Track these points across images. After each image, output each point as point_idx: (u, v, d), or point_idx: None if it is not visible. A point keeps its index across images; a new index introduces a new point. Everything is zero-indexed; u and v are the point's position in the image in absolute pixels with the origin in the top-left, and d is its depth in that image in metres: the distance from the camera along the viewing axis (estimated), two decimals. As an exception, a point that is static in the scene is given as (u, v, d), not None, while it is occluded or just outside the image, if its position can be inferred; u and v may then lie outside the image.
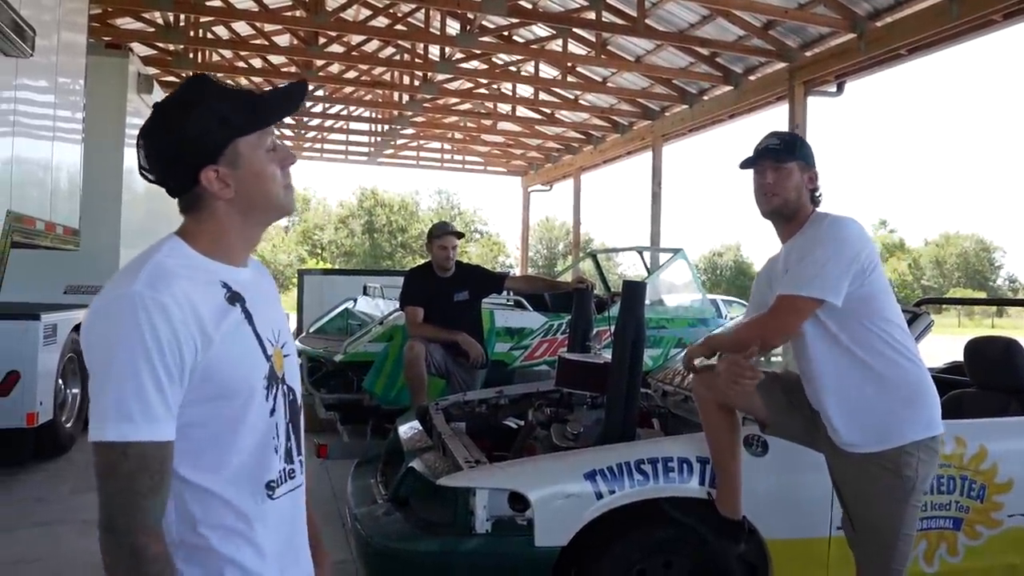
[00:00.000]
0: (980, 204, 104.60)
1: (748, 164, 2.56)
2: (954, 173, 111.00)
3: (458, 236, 5.28)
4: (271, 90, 1.34)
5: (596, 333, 4.40)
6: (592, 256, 9.40)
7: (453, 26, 11.25)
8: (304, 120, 16.27)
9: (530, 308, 6.95)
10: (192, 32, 10.51)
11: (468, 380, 5.12)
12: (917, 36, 7.80)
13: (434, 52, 12.06)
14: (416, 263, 6.76)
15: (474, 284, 5.28)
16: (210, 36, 11.23)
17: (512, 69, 12.99)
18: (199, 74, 1.37)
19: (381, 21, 11.20)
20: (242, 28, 11.84)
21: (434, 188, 62.78)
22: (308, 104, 14.91)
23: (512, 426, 3.93)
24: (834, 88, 9.37)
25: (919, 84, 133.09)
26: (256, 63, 12.85)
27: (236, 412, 1.24)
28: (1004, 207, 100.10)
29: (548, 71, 12.94)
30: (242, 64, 12.65)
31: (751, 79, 10.48)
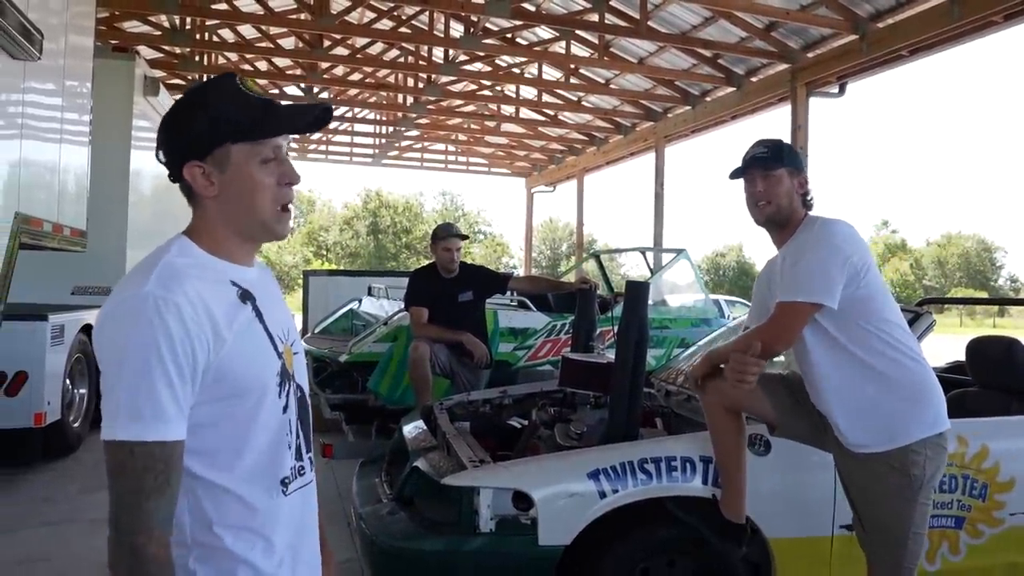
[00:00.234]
0: (981, 204, 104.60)
1: (737, 174, 2.58)
2: (956, 174, 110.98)
3: (462, 238, 5.31)
4: (287, 104, 1.31)
5: (599, 333, 4.41)
6: (595, 257, 9.42)
7: (457, 28, 11.28)
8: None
9: (534, 308, 6.96)
10: (198, 35, 10.53)
11: (472, 380, 5.14)
12: (918, 37, 7.80)
13: (438, 54, 12.10)
14: (420, 264, 6.77)
15: (478, 285, 5.30)
16: (216, 39, 11.25)
17: (515, 71, 13.03)
18: (226, 72, 1.35)
19: (385, 24, 11.24)
20: (247, 31, 11.89)
21: (438, 189, 62.86)
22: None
23: (516, 426, 3.93)
24: (836, 89, 9.36)
25: (920, 85, 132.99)
26: (262, 66, 12.88)
27: (250, 410, 1.24)
28: (1005, 207, 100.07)
29: (551, 73, 12.96)
30: (248, 67, 12.67)
31: (753, 80, 10.48)
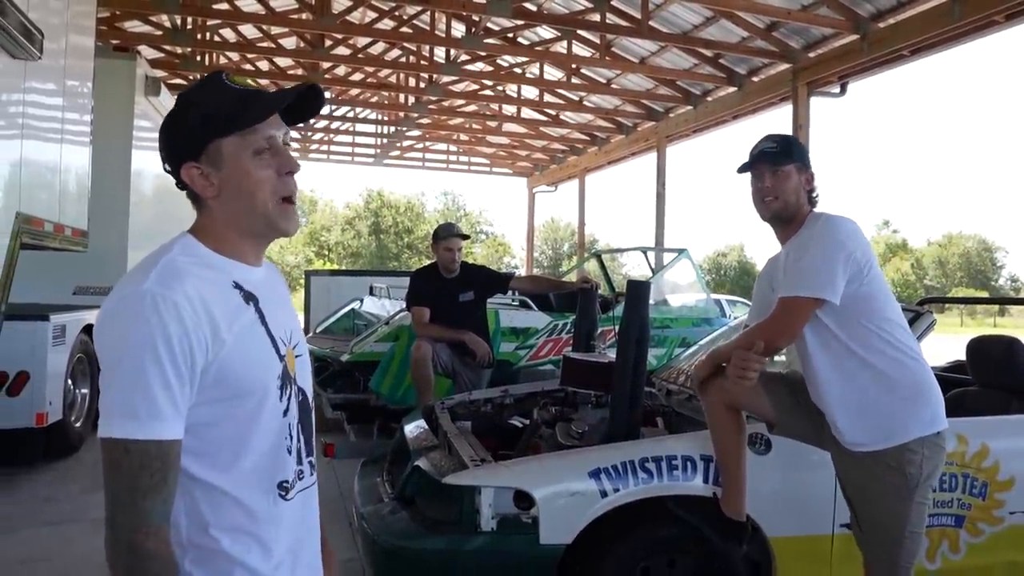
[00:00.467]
0: (982, 204, 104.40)
1: (745, 168, 2.58)
2: (957, 173, 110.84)
3: (463, 238, 5.31)
4: (265, 92, 1.28)
5: (600, 333, 4.42)
6: (597, 256, 9.42)
7: (458, 28, 11.28)
8: (311, 122, 16.31)
9: (535, 308, 6.97)
10: (199, 35, 10.54)
11: (474, 379, 5.14)
12: (920, 37, 7.80)
13: (439, 54, 12.11)
14: (422, 264, 6.78)
15: (479, 284, 5.30)
16: (217, 39, 11.27)
17: (517, 71, 13.04)
18: (213, 71, 1.34)
19: (387, 23, 11.26)
20: (249, 31, 11.90)
21: (440, 189, 62.83)
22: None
23: (517, 425, 3.93)
24: (837, 89, 9.36)
25: (922, 85, 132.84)
26: (263, 66, 12.91)
27: (250, 412, 1.23)
28: (1006, 207, 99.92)
29: (553, 73, 12.96)
30: (249, 67, 12.71)
31: (754, 80, 10.48)
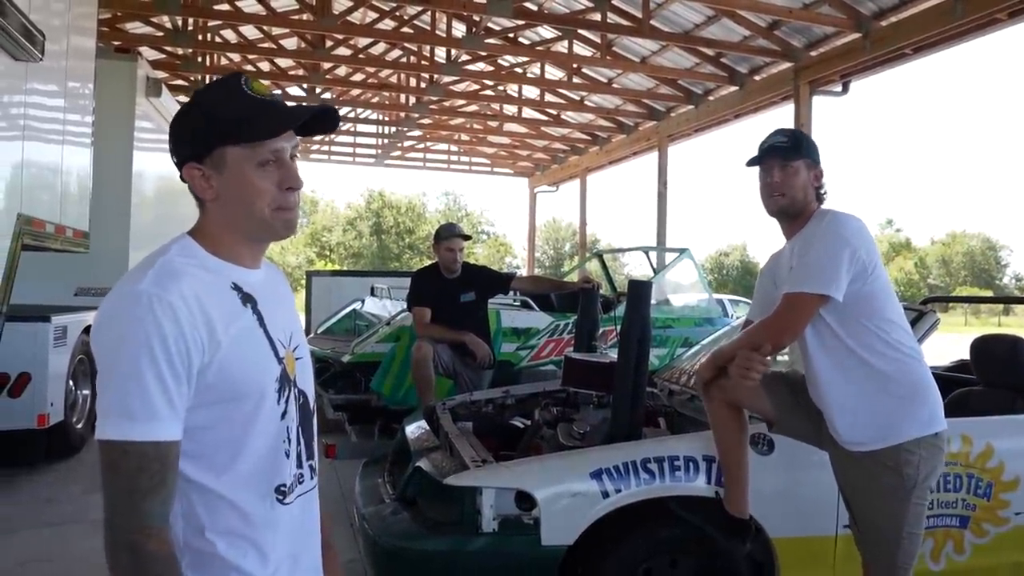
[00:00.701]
0: (986, 203, 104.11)
1: (755, 162, 2.56)
2: (960, 172, 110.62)
3: (465, 239, 5.30)
4: (279, 104, 1.27)
5: (602, 333, 4.41)
6: (598, 256, 9.40)
7: (459, 28, 11.28)
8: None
9: (536, 308, 6.96)
10: (200, 36, 10.54)
11: (475, 380, 5.13)
12: (922, 35, 7.79)
13: (440, 54, 12.10)
14: (423, 264, 6.77)
15: (480, 285, 5.29)
16: (218, 40, 11.28)
17: (518, 71, 13.03)
18: (233, 72, 1.34)
19: (387, 24, 11.25)
20: (250, 32, 11.91)
21: (441, 189, 62.88)
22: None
23: (519, 426, 3.93)
24: (839, 88, 9.34)
25: (924, 83, 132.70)
26: (264, 66, 12.90)
27: (247, 415, 1.22)
28: (1010, 206, 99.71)
29: (554, 72, 12.96)
30: (250, 67, 12.70)
31: (756, 79, 10.47)
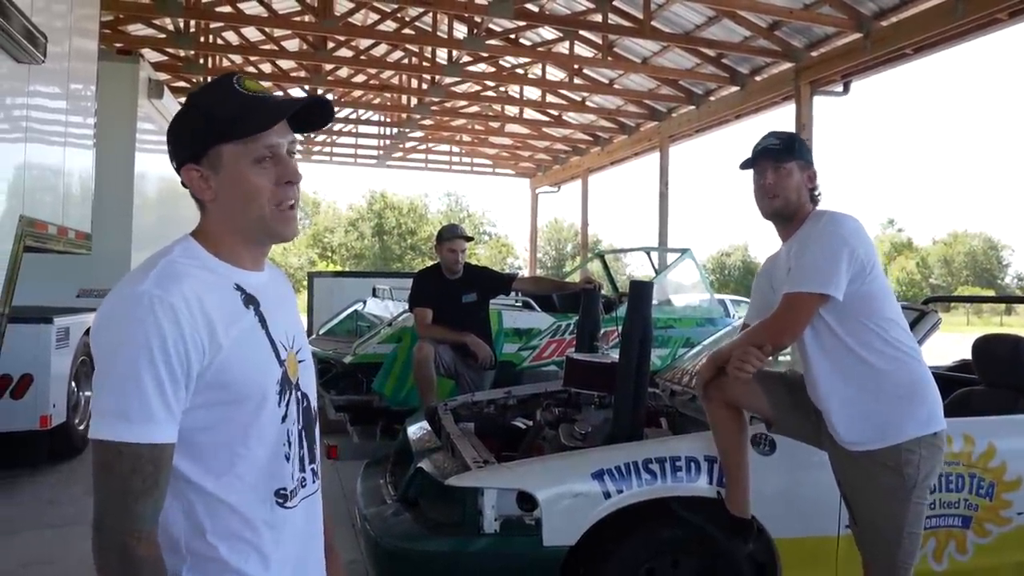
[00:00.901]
0: (988, 202, 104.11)
1: (748, 165, 2.58)
2: (962, 172, 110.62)
3: (467, 240, 5.29)
4: (271, 99, 1.26)
5: (604, 333, 4.41)
6: (600, 257, 9.39)
7: (460, 29, 11.29)
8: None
9: (538, 309, 6.95)
10: (202, 38, 10.56)
11: (477, 381, 5.13)
12: (923, 35, 7.79)
13: (442, 55, 12.11)
14: (425, 265, 6.78)
15: (482, 285, 5.29)
16: (220, 42, 11.29)
17: (519, 72, 13.03)
18: (226, 73, 1.34)
19: (389, 25, 11.26)
20: (252, 33, 11.92)
21: (443, 190, 63.03)
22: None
23: (520, 426, 3.92)
24: (840, 88, 9.35)
25: (925, 83, 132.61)
26: (266, 68, 12.92)
27: (247, 417, 1.20)
28: (1012, 205, 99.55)
29: (555, 73, 12.96)
30: (252, 69, 12.71)
31: (757, 79, 10.47)
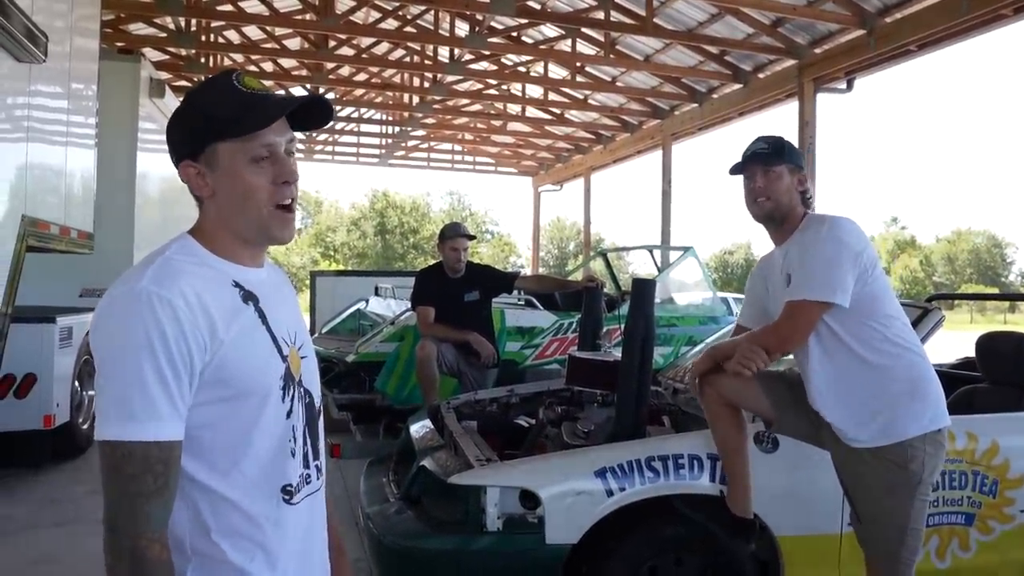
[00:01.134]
0: (992, 200, 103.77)
1: (737, 170, 2.57)
2: (965, 169, 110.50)
3: (469, 238, 5.29)
4: (270, 96, 1.25)
5: (606, 331, 4.40)
6: (603, 255, 9.40)
7: (462, 27, 11.28)
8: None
9: (541, 307, 6.95)
10: (203, 37, 10.56)
11: (479, 379, 5.13)
12: (927, 32, 7.77)
13: (443, 54, 12.10)
14: (428, 264, 6.79)
15: (484, 284, 5.28)
16: (221, 41, 11.30)
17: (521, 70, 13.02)
18: (226, 68, 1.35)
19: (391, 23, 11.26)
20: (253, 32, 11.93)
21: (445, 189, 62.95)
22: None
23: (523, 424, 3.93)
24: (844, 85, 9.33)
25: (929, 80, 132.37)
26: (267, 67, 12.92)
27: (251, 413, 1.20)
28: (1016, 203, 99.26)
29: (557, 71, 12.95)
30: (253, 68, 12.71)
31: (760, 77, 10.45)
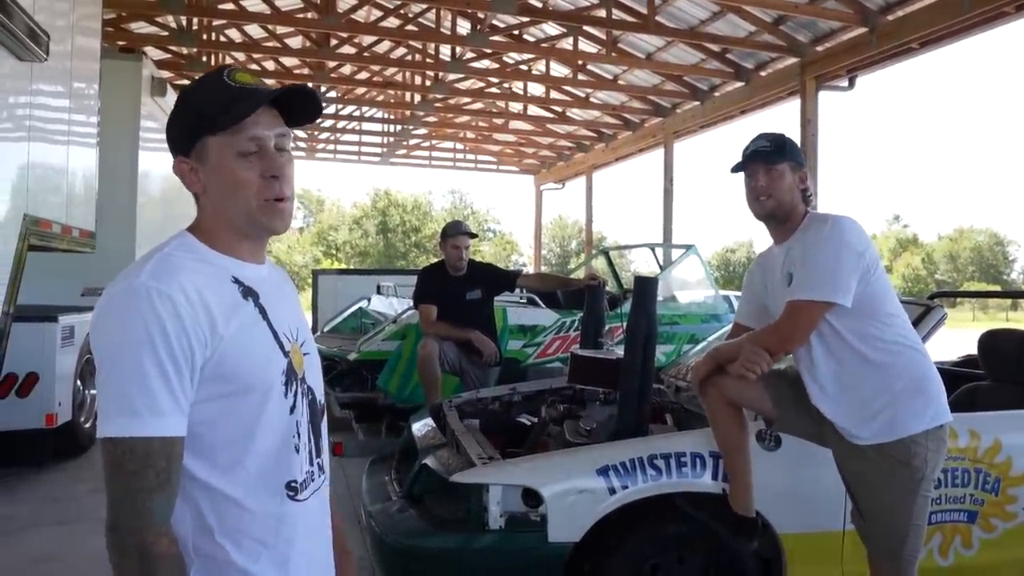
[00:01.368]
0: (994, 198, 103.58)
1: (739, 168, 2.57)
2: (967, 167, 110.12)
3: (471, 236, 5.29)
4: (256, 90, 1.23)
5: (608, 329, 4.39)
6: (605, 253, 9.39)
7: (463, 26, 11.27)
8: (317, 121, 16.30)
9: (543, 305, 6.96)
10: (205, 35, 10.58)
11: (481, 377, 5.13)
12: (928, 29, 7.75)
13: (445, 52, 12.09)
14: (430, 262, 6.80)
15: (486, 282, 5.29)
16: (223, 39, 11.31)
17: (523, 68, 13.01)
18: (221, 65, 1.35)
19: (392, 22, 11.26)
20: (254, 31, 11.93)
21: (447, 188, 63.12)
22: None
23: (525, 423, 3.93)
24: (845, 83, 9.32)
25: (931, 78, 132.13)
26: (269, 65, 12.93)
27: (253, 409, 1.19)
28: (1018, 201, 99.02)
29: (559, 69, 12.93)
30: (255, 67, 12.72)
31: (762, 75, 10.43)
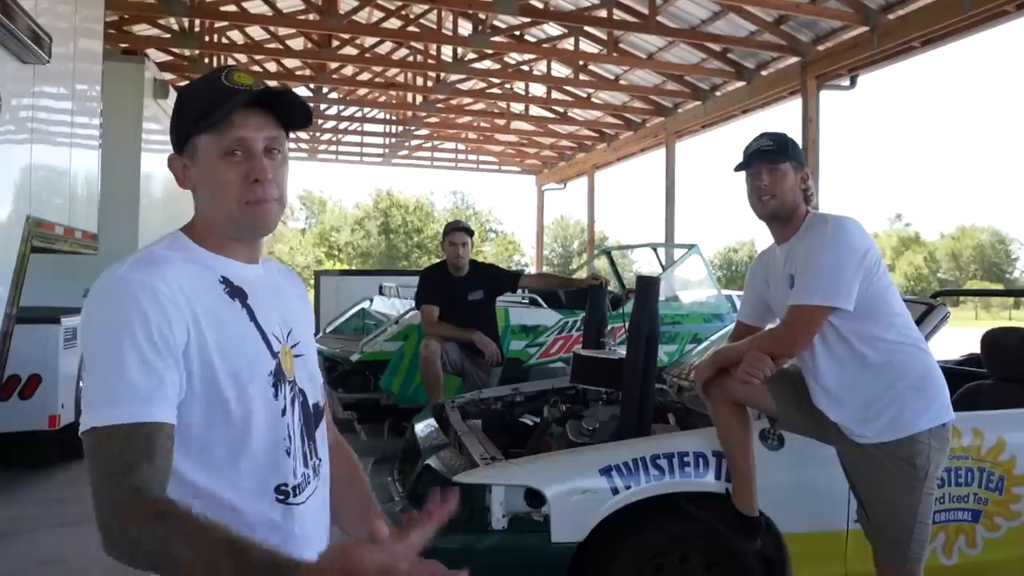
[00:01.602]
0: (996, 196, 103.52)
1: (741, 167, 2.56)
2: (969, 165, 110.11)
3: (468, 233, 5.29)
4: (250, 89, 1.21)
5: (611, 329, 4.39)
6: (607, 253, 9.40)
7: (465, 26, 11.28)
8: (319, 122, 16.34)
9: (545, 306, 6.96)
10: (207, 37, 10.58)
11: (483, 378, 5.14)
12: (930, 28, 7.74)
13: (447, 53, 12.10)
14: (431, 263, 6.81)
15: (488, 283, 5.29)
16: (225, 41, 11.30)
17: (524, 68, 13.00)
18: (223, 66, 1.35)
19: (393, 23, 11.26)
20: (256, 32, 11.95)
21: (449, 188, 63.16)
22: (323, 107, 14.99)
23: (528, 423, 3.92)
24: (847, 82, 9.31)
25: (933, 76, 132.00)
26: (271, 67, 12.92)
27: (243, 410, 1.18)
28: (1020, 199, 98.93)
29: (560, 70, 12.93)
30: (257, 68, 12.72)
31: (763, 74, 10.42)
